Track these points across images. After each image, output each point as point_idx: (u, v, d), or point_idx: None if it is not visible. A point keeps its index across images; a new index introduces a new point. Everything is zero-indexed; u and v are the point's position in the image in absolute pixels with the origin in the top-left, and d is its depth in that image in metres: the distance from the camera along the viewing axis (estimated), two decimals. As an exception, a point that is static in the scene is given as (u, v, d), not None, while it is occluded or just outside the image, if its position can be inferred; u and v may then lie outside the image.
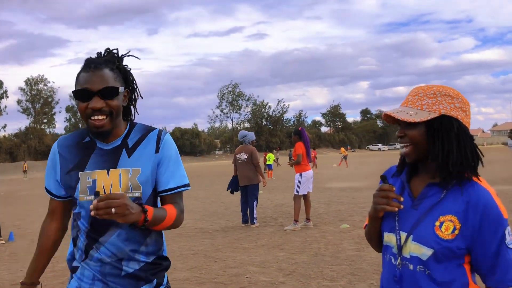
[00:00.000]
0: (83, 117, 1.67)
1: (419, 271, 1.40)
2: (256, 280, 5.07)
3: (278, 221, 9.35)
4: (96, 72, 1.64)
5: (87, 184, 1.70)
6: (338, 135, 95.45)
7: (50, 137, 66.45)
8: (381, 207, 1.46)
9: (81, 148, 1.76)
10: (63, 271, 5.92)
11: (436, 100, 1.42)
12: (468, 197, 1.37)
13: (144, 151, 1.75)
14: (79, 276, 1.76)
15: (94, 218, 1.64)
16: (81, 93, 1.63)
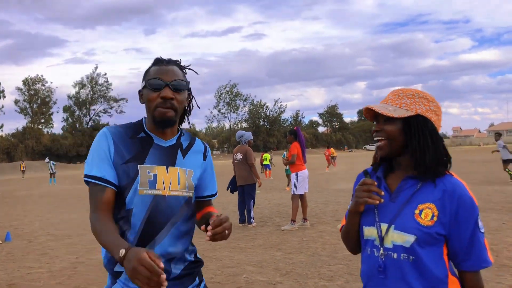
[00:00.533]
0: (150, 107, 1.69)
1: (403, 259, 1.48)
2: (253, 280, 5.08)
3: (275, 220, 9.36)
4: (168, 66, 1.71)
5: (148, 178, 1.66)
6: (335, 135, 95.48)
7: (48, 137, 66.34)
8: (363, 200, 1.54)
9: (137, 141, 1.72)
10: (60, 271, 5.91)
11: (414, 100, 1.54)
12: (444, 187, 1.48)
13: (195, 155, 1.82)
14: (123, 281, 1.67)
15: (151, 215, 1.64)
16: (153, 83, 1.67)
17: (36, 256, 6.98)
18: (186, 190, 1.73)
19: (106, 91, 73.14)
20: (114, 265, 1.68)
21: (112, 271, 1.70)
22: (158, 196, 1.66)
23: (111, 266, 1.71)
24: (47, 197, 18.77)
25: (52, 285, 5.31)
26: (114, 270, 1.69)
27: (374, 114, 1.59)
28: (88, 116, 73.62)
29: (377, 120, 1.58)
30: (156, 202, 1.65)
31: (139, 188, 1.64)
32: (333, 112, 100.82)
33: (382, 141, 1.54)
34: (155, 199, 1.65)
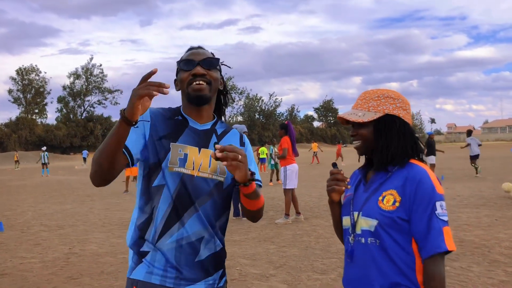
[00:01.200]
0: (183, 87, 1.74)
1: (371, 243, 1.58)
2: (247, 273, 5.09)
3: (269, 214, 9.37)
4: (200, 50, 1.79)
5: (179, 156, 1.68)
6: (330, 130, 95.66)
7: (42, 127, 65.92)
8: (331, 188, 1.70)
9: (173, 123, 1.75)
10: (53, 262, 5.90)
11: (380, 102, 1.66)
12: (406, 174, 1.57)
13: (230, 141, 1.82)
14: (149, 261, 1.67)
15: (179, 192, 1.65)
16: (184, 62, 1.73)
17: (29, 246, 6.96)
18: (216, 174, 1.72)
19: (101, 82, 72.75)
20: (140, 246, 1.68)
21: (138, 251, 1.69)
22: (186, 175, 1.67)
23: (137, 246, 1.70)
24: (40, 187, 18.69)
25: (44, 275, 5.29)
26: (140, 250, 1.68)
27: (339, 120, 1.73)
28: (82, 107, 73.20)
29: (352, 124, 1.69)
30: (184, 181, 1.66)
31: (169, 165, 1.66)
32: (329, 107, 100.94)
33: (358, 142, 1.67)
34: (183, 177, 1.66)
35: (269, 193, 13.43)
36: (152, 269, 1.66)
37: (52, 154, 48.10)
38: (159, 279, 1.65)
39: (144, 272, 1.66)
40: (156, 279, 1.65)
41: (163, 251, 1.65)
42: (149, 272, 1.66)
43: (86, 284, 4.87)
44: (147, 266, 1.67)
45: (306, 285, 4.56)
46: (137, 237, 1.70)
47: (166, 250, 1.65)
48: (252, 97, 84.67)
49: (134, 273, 1.69)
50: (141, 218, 1.71)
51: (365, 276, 1.58)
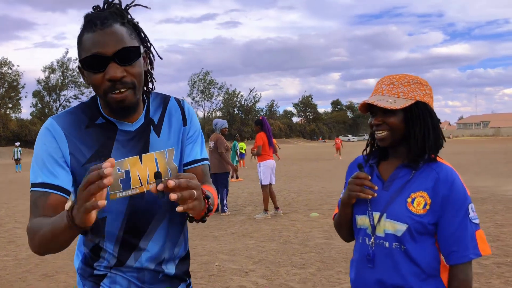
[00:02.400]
0: (98, 93, 1.30)
1: (395, 248, 1.46)
2: (226, 268, 5.08)
3: (249, 209, 9.37)
4: (106, 29, 1.24)
5: (119, 177, 1.32)
6: (309, 126, 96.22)
7: (16, 122, 64.40)
8: (355, 194, 1.52)
9: (96, 131, 1.35)
10: (27, 259, 5.77)
11: (411, 87, 1.50)
12: (437, 175, 1.46)
13: (171, 126, 1.46)
14: (109, 285, 1.40)
15: (129, 220, 1.36)
16: (91, 60, 1.24)
17: (2, 244, 6.79)
18: (168, 177, 1.37)
19: (77, 77, 71.34)
20: (93, 269, 1.41)
21: (92, 276, 1.41)
22: (135, 197, 1.36)
23: (89, 269, 1.42)
24: (13, 184, 18.27)
25: (18, 273, 5.17)
26: (94, 273, 1.41)
27: (368, 106, 1.54)
28: (58, 101, 71.78)
29: (373, 112, 1.53)
30: (134, 204, 1.36)
31: (110, 193, 1.31)
32: (308, 103, 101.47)
33: (384, 133, 1.50)
34: (131, 199, 1.36)
35: (247, 188, 13.43)
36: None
37: (27, 150, 47.00)
38: None
39: None
40: None
41: (123, 273, 1.40)
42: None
43: (61, 282, 4.78)
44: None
45: (285, 280, 4.58)
46: (84, 264, 1.44)
47: (127, 275, 1.41)
48: (231, 92, 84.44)
49: None
50: (86, 247, 1.43)
51: (386, 281, 1.48)
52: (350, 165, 1.72)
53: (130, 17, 1.35)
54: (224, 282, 4.57)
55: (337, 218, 1.69)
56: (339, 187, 12.58)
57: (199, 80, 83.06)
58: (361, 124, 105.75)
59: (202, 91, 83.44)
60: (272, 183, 8.45)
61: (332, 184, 13.63)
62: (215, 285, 4.48)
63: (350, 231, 1.66)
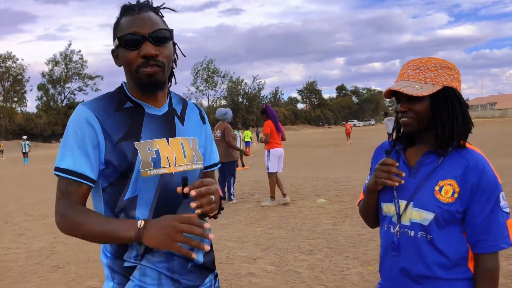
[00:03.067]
0: (130, 70, 1.39)
1: (421, 237, 1.43)
2: (234, 255, 5.12)
3: (256, 197, 9.41)
4: (142, 14, 1.38)
5: (150, 155, 1.38)
6: (314, 112, 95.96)
7: (21, 116, 64.70)
8: (382, 181, 1.48)
9: (125, 115, 1.41)
10: (38, 251, 5.84)
11: (438, 72, 1.45)
12: (466, 162, 1.41)
13: (193, 120, 1.56)
14: (138, 278, 1.39)
15: (160, 199, 1.39)
16: (128, 39, 1.35)
17: (13, 236, 6.88)
18: (195, 162, 1.48)
19: (81, 69, 71.44)
20: (123, 260, 1.40)
21: (122, 267, 1.40)
22: (164, 175, 1.39)
23: (119, 262, 1.41)
24: (22, 177, 18.43)
25: (30, 265, 5.24)
26: (124, 266, 1.40)
27: (393, 92, 1.48)
28: (62, 94, 71.95)
29: (398, 98, 1.48)
30: (164, 183, 1.39)
31: (142, 170, 1.36)
32: (312, 89, 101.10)
33: (409, 119, 1.45)
34: (162, 179, 1.39)
35: (254, 176, 13.47)
36: (145, 286, 1.40)
37: (34, 143, 47.35)
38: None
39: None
40: None
41: (152, 265, 1.40)
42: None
43: (72, 273, 4.85)
44: (139, 286, 1.39)
45: (293, 266, 4.61)
46: (114, 257, 1.43)
47: (156, 263, 1.40)
48: (235, 80, 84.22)
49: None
50: None
51: (411, 271, 1.45)
52: (376, 150, 1.68)
53: (161, 15, 1.48)
54: (233, 269, 4.62)
55: (362, 204, 1.65)
56: (345, 173, 12.59)
57: (202, 69, 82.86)
58: (366, 109, 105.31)
59: (206, 80, 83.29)
60: (279, 171, 8.46)
61: (339, 170, 13.63)
62: (224, 272, 4.52)
63: (376, 217, 1.63)
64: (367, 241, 5.37)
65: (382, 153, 1.61)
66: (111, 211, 1.41)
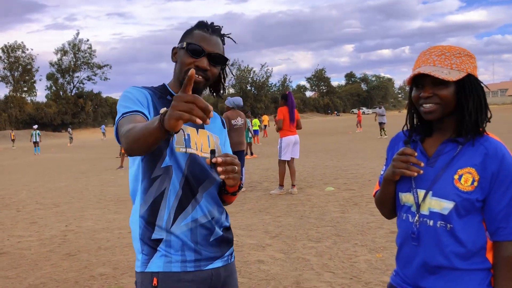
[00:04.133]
0: (181, 70, 1.64)
1: (440, 226, 1.42)
2: (243, 243, 5.16)
3: (264, 185, 9.44)
4: (213, 36, 1.66)
5: (183, 136, 1.62)
6: (323, 100, 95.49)
7: (31, 105, 65.19)
8: (400, 171, 1.46)
9: (165, 102, 1.66)
10: (50, 239, 5.93)
11: (462, 59, 1.45)
12: (485, 150, 1.41)
13: (216, 123, 1.81)
14: (165, 249, 1.57)
15: (188, 173, 1.59)
16: (194, 48, 1.61)
17: (25, 225, 6.98)
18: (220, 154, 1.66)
19: (89, 58, 71.58)
20: (151, 234, 1.58)
21: (150, 239, 1.58)
22: (193, 155, 1.62)
23: (147, 236, 1.59)
24: (33, 166, 18.63)
25: (43, 252, 5.33)
26: (152, 238, 1.58)
27: (414, 78, 1.47)
28: (72, 83, 72.21)
29: (420, 84, 1.46)
30: (191, 161, 1.61)
31: (175, 146, 1.59)
32: (321, 76, 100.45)
33: (433, 106, 1.43)
34: (190, 157, 1.61)
35: (262, 164, 13.49)
36: (171, 257, 1.56)
37: (43, 132, 47.76)
38: (180, 265, 1.57)
39: (164, 262, 1.56)
40: (176, 267, 1.56)
41: (178, 235, 1.57)
42: (168, 261, 1.56)
43: (84, 260, 4.92)
44: (165, 256, 1.56)
45: (301, 253, 4.64)
46: (145, 225, 1.60)
47: (181, 233, 1.58)
48: (243, 68, 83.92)
49: (151, 265, 1.57)
50: (147, 202, 1.60)
51: (429, 262, 1.44)
52: (392, 140, 1.67)
53: (224, 43, 1.74)
54: (242, 257, 4.66)
55: (379, 195, 1.64)
56: (354, 161, 12.56)
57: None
58: (375, 96, 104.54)
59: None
60: (295, 157, 8.39)
61: (347, 158, 13.61)
62: (233, 260, 4.56)
63: (393, 208, 1.62)
64: (375, 228, 5.38)
65: (398, 143, 1.61)
66: (148, 177, 1.60)
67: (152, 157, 1.60)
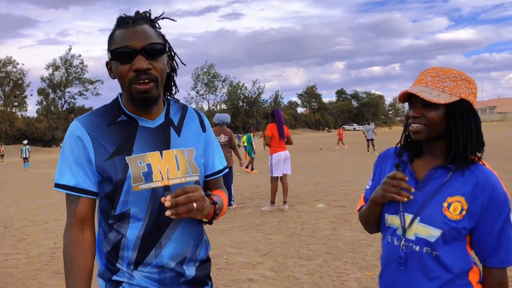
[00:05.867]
0: (123, 84, 1.39)
1: (426, 252, 1.42)
2: (233, 261, 5.13)
3: (255, 202, 9.42)
4: (137, 27, 1.37)
5: (141, 169, 1.38)
6: (314, 116, 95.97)
7: (22, 120, 64.71)
8: (390, 195, 1.45)
9: (118, 128, 1.42)
10: (38, 257, 5.85)
11: (457, 83, 1.42)
12: (476, 179, 1.39)
13: (191, 129, 1.54)
14: None
15: (152, 213, 1.39)
16: (120, 52, 1.35)
17: (13, 242, 6.88)
18: (189, 175, 1.45)
19: (81, 73, 71.52)
20: (113, 274, 1.45)
21: (111, 280, 1.45)
22: (157, 189, 1.40)
23: (108, 274, 1.46)
24: (22, 182, 18.42)
25: (30, 271, 5.25)
26: (112, 279, 1.44)
27: (407, 96, 1.45)
28: (63, 98, 71.97)
29: (412, 103, 1.44)
30: (156, 197, 1.39)
31: (133, 185, 1.37)
32: (312, 93, 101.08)
33: (420, 126, 1.42)
34: (154, 193, 1.39)
35: (254, 180, 13.47)
36: None
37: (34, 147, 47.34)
38: None
39: None
40: None
41: (141, 280, 1.42)
42: None
43: (72, 278, 4.85)
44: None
45: (292, 272, 4.62)
46: (105, 264, 1.47)
47: (145, 278, 1.42)
48: (235, 84, 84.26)
49: None
50: (107, 245, 1.45)
51: (415, 285, 1.44)
52: (381, 156, 1.66)
53: (158, 27, 1.48)
54: (232, 275, 4.63)
55: (365, 212, 1.62)
56: (344, 178, 12.59)
57: (203, 73, 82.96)
58: (366, 113, 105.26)
59: (206, 84, 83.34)
60: (287, 173, 8.39)
61: (338, 174, 13.64)
62: (223, 278, 4.53)
63: (377, 225, 1.61)
64: (366, 246, 5.38)
65: (387, 160, 1.60)
66: (106, 222, 1.46)
67: (106, 203, 1.43)
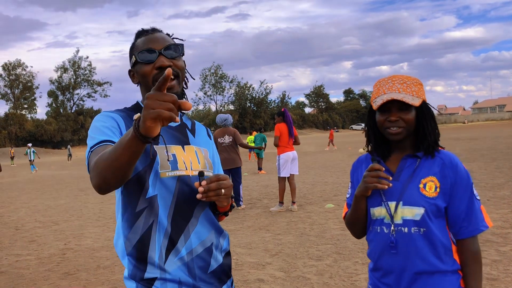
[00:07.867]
0: (147, 83, 1.50)
1: (414, 232, 1.57)
2: (243, 262, 5.13)
3: (264, 202, 9.41)
4: (156, 34, 1.54)
5: (168, 158, 1.46)
6: (322, 116, 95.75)
7: (31, 122, 65.30)
8: (372, 185, 1.60)
9: None
10: (49, 258, 5.89)
11: (418, 88, 1.64)
12: (442, 160, 1.62)
13: (201, 134, 1.68)
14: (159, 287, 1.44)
15: (178, 199, 1.46)
16: (143, 54, 1.49)
17: (24, 243, 6.94)
18: (207, 170, 1.57)
19: (90, 75, 72.02)
20: (143, 272, 1.44)
21: (142, 279, 1.44)
22: (182, 177, 1.48)
23: (138, 274, 1.45)
24: (32, 183, 18.58)
25: (41, 272, 5.29)
26: (144, 278, 1.44)
27: (382, 103, 1.61)
28: (72, 100, 72.51)
29: (387, 109, 1.61)
30: (181, 184, 1.47)
31: (160, 171, 1.44)
32: (320, 93, 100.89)
33: (400, 128, 1.60)
34: (179, 181, 1.47)
35: (262, 181, 13.47)
36: None
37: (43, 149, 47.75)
38: None
39: None
40: None
41: (174, 271, 1.44)
42: None
43: (83, 279, 4.88)
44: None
45: (302, 272, 4.61)
46: (134, 264, 1.46)
47: (177, 269, 1.45)
48: (242, 85, 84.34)
49: None
50: (135, 236, 1.46)
51: (409, 265, 1.57)
52: (354, 164, 1.82)
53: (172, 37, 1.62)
54: (242, 275, 4.62)
55: (351, 215, 1.74)
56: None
57: (210, 74, 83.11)
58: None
59: (213, 85, 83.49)
60: (294, 173, 8.36)
61: (347, 174, 13.58)
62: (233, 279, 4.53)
63: (364, 226, 1.72)
64: (376, 246, 5.34)
65: (361, 166, 1.77)
66: (131, 212, 1.46)
67: (133, 188, 1.45)
